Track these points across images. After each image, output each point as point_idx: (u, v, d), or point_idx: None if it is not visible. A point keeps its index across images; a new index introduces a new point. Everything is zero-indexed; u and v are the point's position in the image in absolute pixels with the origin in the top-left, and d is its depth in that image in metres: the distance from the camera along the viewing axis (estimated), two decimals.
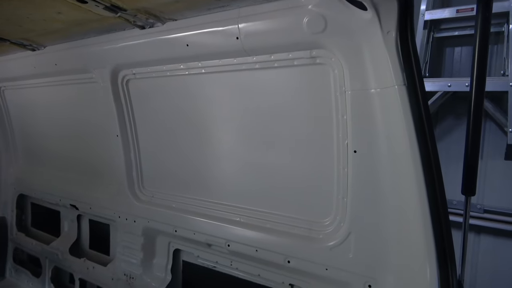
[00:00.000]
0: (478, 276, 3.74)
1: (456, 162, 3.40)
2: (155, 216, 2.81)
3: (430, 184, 1.53)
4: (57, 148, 3.65)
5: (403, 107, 1.52)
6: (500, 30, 3.45)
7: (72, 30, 2.61)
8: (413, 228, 1.61)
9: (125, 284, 3.01)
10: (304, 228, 2.12)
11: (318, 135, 1.98)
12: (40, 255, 3.80)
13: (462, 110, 3.66)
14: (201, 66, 2.27)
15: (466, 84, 3.26)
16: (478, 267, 3.72)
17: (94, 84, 2.92)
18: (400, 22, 1.44)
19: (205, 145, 2.52)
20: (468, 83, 3.25)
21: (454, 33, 3.68)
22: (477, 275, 3.74)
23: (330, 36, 1.69)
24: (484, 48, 1.46)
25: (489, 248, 3.68)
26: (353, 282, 1.90)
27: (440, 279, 1.54)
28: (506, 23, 3.30)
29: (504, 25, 3.35)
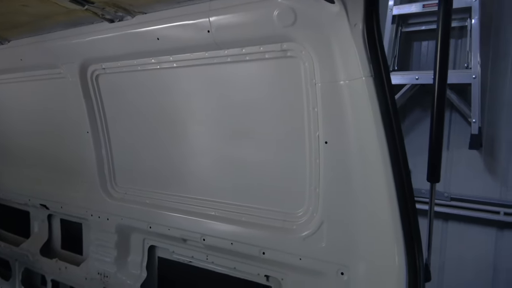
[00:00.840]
0: (446, 261, 3.89)
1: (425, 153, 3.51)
2: (129, 213, 2.77)
3: (397, 173, 1.59)
4: (24, 147, 3.53)
5: (370, 98, 1.56)
6: (464, 25, 3.58)
7: (39, 24, 2.53)
8: (382, 216, 1.66)
9: (99, 283, 2.96)
10: (279, 219, 2.15)
11: (291, 127, 2.00)
12: (9, 257, 3.68)
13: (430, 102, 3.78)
14: (173, 60, 2.25)
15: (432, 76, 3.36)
16: (446, 253, 3.87)
17: (62, 80, 2.83)
18: (366, 15, 1.48)
19: (178, 140, 2.50)
20: None
21: (421, 27, 3.79)
22: (445, 260, 3.89)
23: (300, 29, 1.71)
24: (446, 42, 1.52)
25: (456, 234, 3.84)
26: (326, 270, 1.95)
27: (407, 264, 1.60)
28: (469, 17, 3.43)
29: (467, 19, 3.49)
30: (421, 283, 1.61)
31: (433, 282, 3.94)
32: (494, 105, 3.55)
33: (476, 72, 3.22)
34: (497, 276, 3.68)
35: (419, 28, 3.79)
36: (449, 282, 3.88)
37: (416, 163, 3.80)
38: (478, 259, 3.70)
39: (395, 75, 3.57)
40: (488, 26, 3.46)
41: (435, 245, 3.83)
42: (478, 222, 3.66)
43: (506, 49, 3.47)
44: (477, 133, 3.22)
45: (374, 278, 1.76)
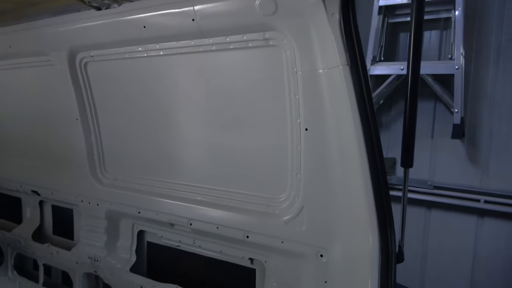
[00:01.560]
0: (429, 248, 4.01)
1: None
2: (118, 199, 2.83)
3: (372, 160, 1.65)
4: (14, 134, 3.56)
5: (347, 86, 1.62)
6: (449, 16, 3.64)
7: (25, 11, 2.55)
8: (358, 200, 1.73)
9: (90, 267, 3.03)
10: (262, 204, 2.22)
11: (273, 115, 2.06)
12: (1, 242, 3.73)
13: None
14: (159, 48, 2.29)
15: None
16: (428, 241, 3.99)
17: (51, 67, 2.86)
18: (342, 5, 1.53)
19: (166, 127, 2.55)
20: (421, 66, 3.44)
21: (407, 18, 3.84)
22: (428, 248, 4.01)
23: (280, 18, 1.76)
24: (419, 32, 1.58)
25: (439, 222, 3.95)
26: (307, 252, 2.03)
27: (381, 246, 1.68)
28: (453, 9, 3.49)
29: (452, 11, 3.55)
30: (393, 264, 1.69)
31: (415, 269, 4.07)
32: (477, 96, 3.64)
33: (459, 63, 3.29)
34: (477, 263, 3.81)
35: (405, 19, 3.85)
36: (431, 269, 4.01)
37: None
38: (459, 246, 3.82)
39: (381, 66, 3.63)
40: (472, 18, 3.53)
41: (418, 233, 3.94)
42: (459, 210, 3.76)
43: (488, 40, 3.54)
44: (459, 123, 3.30)
45: (350, 259, 1.84)
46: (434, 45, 3.75)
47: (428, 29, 3.73)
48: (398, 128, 3.92)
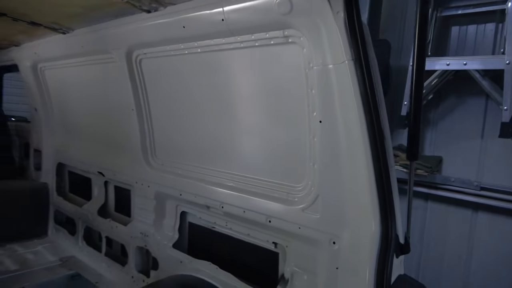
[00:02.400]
0: (474, 250, 3.79)
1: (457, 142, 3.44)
2: (165, 181, 3.15)
3: (375, 149, 1.71)
4: (85, 122, 4.11)
5: (352, 80, 1.70)
6: (503, 8, 3.39)
7: (91, 14, 2.96)
8: (363, 189, 1.80)
9: (141, 241, 3.41)
10: (284, 192, 2.36)
11: (294, 107, 2.19)
12: (74, 216, 4.32)
13: (465, 89, 3.66)
14: (197, 46, 2.53)
15: (464, 62, 3.27)
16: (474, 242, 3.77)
17: (114, 63, 3.27)
18: (346, 3, 1.61)
19: (205, 118, 2.80)
20: (466, 61, 3.29)
21: (457, 11, 3.65)
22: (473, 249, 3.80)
23: (296, 17, 1.88)
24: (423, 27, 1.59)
25: (485, 224, 3.72)
26: (321, 239, 2.13)
27: (381, 233, 1.73)
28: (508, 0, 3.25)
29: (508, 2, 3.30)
30: (391, 252, 1.73)
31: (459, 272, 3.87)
32: None
33: (510, 57, 3.07)
34: None
35: (456, 12, 3.65)
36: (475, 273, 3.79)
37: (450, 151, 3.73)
38: (506, 250, 3.56)
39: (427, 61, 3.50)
40: None
41: (463, 235, 3.75)
42: (508, 213, 3.51)
43: None
44: (508, 121, 3.09)
45: (356, 247, 1.91)
46: (488, 38, 3.51)
47: (482, 22, 3.50)
48: (447, 125, 3.75)
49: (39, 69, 4.42)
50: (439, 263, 3.89)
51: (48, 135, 4.72)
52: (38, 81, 4.51)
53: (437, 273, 3.89)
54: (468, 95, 3.58)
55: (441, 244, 3.90)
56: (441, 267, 3.84)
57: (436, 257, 3.92)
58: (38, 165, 4.93)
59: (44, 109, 4.63)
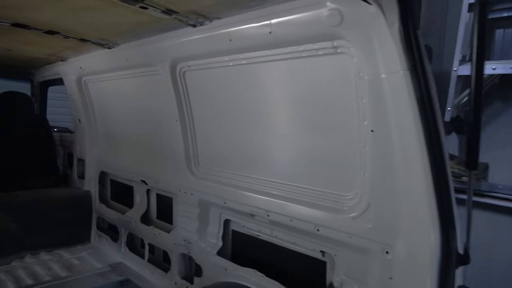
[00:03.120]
0: (499, 256, 3.64)
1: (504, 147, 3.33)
2: (208, 190, 3.22)
3: (433, 159, 1.70)
4: (129, 133, 4.25)
5: (407, 90, 1.70)
6: None
7: (138, 30, 3.08)
8: (420, 199, 1.79)
9: (184, 248, 3.49)
10: (331, 200, 2.37)
11: (342, 117, 2.20)
12: (117, 223, 4.47)
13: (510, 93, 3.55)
14: (242, 57, 2.59)
15: (511, 66, 3.18)
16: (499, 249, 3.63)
17: (158, 76, 3.38)
18: (401, 14, 1.62)
19: (249, 128, 2.85)
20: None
21: (502, 14, 3.56)
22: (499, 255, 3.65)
23: (346, 28, 1.90)
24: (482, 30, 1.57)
25: None
26: (373, 248, 2.12)
27: (442, 244, 1.71)
28: None
29: None
30: (453, 264, 1.70)
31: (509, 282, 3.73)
32: None
33: None
34: None
35: (500, 15, 3.56)
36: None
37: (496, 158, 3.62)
38: None
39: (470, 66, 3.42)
40: None
41: (504, 242, 3.61)
42: None
43: None
44: None
45: (413, 257, 1.89)
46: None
47: None
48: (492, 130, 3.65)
49: (83, 82, 4.63)
50: (487, 272, 3.77)
51: (91, 145, 4.91)
52: (82, 93, 4.72)
53: (485, 283, 3.78)
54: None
55: (488, 252, 3.78)
56: (489, 276, 3.73)
57: (483, 266, 3.80)
58: (81, 174, 5.13)
59: (88, 120, 4.83)
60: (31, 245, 4.38)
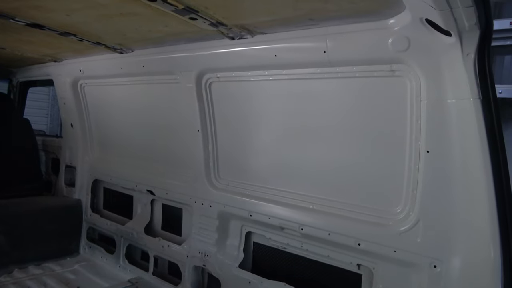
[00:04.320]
0: None
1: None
2: (230, 202, 3.19)
3: (498, 182, 1.83)
4: (134, 141, 4.10)
5: (476, 117, 1.82)
6: None
7: (166, 38, 3.01)
8: (480, 216, 1.91)
9: (200, 261, 3.42)
10: (374, 215, 2.45)
11: (392, 135, 2.30)
12: (115, 234, 4.27)
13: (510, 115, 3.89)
14: (285, 73, 2.62)
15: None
16: None
17: (177, 85, 3.32)
18: (479, 46, 1.74)
19: (280, 142, 2.88)
20: None
21: (506, 42, 3.91)
22: None
23: (411, 54, 2.01)
24: None
25: None
26: (420, 262, 2.22)
27: (503, 258, 1.85)
28: None
29: None
30: None
31: None
32: None
33: None
34: None
35: (504, 43, 3.91)
36: None
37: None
38: None
39: None
40: None
41: None
42: None
43: None
44: None
45: (469, 271, 2.02)
46: None
47: None
48: None
49: (80, 85, 4.41)
50: None
51: (84, 152, 4.68)
52: (78, 97, 4.49)
53: None
54: None
55: None
56: None
57: None
58: (69, 181, 4.86)
59: (82, 126, 4.60)
60: (19, 258, 4.07)
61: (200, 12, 2.28)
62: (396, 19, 1.98)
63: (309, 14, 2.17)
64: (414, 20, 1.86)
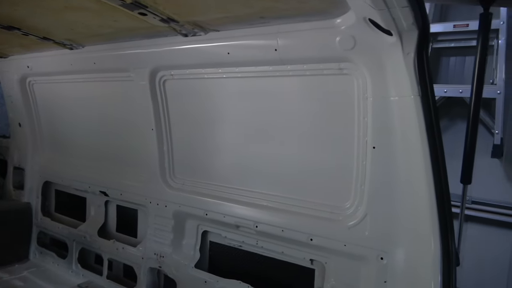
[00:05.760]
0: (466, 259, 4.22)
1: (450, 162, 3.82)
2: (186, 202, 3.15)
3: (437, 175, 1.93)
4: (86, 140, 3.95)
5: (417, 113, 1.91)
6: (491, 44, 3.90)
7: (118, 34, 2.93)
8: (422, 210, 2.00)
9: (155, 262, 3.35)
10: (326, 211, 2.50)
11: (340, 132, 2.36)
12: (67, 238, 4.10)
13: (456, 113, 4.11)
14: (238, 71, 2.63)
15: (460, 90, 3.70)
16: (465, 252, 4.20)
17: (130, 82, 3.23)
18: (418, 46, 1.82)
19: (234, 140, 2.88)
20: (462, 89, 3.71)
21: (450, 44, 4.12)
22: (465, 258, 4.22)
23: (357, 53, 2.07)
24: (483, 63, 1.85)
25: (476, 235, 4.16)
26: (368, 255, 2.29)
27: (442, 248, 1.94)
28: (496, 38, 3.75)
29: (495, 40, 3.80)
30: (454, 266, 1.95)
31: None
32: None
33: (501, 87, 3.54)
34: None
35: (449, 45, 4.12)
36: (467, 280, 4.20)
37: None
38: (496, 259, 4.01)
39: None
40: None
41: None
42: (496, 224, 3.97)
43: None
44: (499, 143, 3.53)
45: (412, 262, 2.10)
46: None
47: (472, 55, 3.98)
48: None
49: (28, 83, 4.20)
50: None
51: (33, 152, 4.45)
52: (26, 95, 4.28)
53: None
54: (459, 119, 4.03)
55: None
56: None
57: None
58: (19, 184, 4.61)
59: (31, 125, 4.38)
60: None
61: (149, 7, 2.23)
62: (342, 19, 2.03)
63: (260, 12, 2.19)
64: (358, 20, 1.92)
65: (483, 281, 4.11)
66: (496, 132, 3.58)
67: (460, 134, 4.18)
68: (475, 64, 1.87)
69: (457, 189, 4.07)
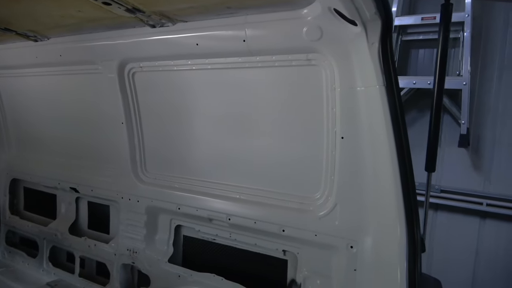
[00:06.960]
0: (435, 246, 4.35)
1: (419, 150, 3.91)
2: (158, 196, 3.11)
3: (402, 164, 1.97)
4: (54, 135, 3.84)
5: (382, 103, 1.93)
6: (457, 37, 4.00)
7: (84, 25, 2.84)
8: (388, 198, 2.04)
9: (128, 258, 3.30)
10: (297, 202, 2.52)
11: (310, 123, 2.37)
12: (37, 236, 3.99)
13: (425, 104, 4.20)
14: (208, 63, 2.59)
15: (428, 82, 3.78)
16: (435, 240, 4.32)
17: (98, 75, 3.15)
18: (382, 36, 1.84)
19: (205, 132, 2.85)
20: (430, 81, 3.79)
21: (419, 37, 4.20)
22: (434, 246, 4.35)
23: (324, 44, 2.07)
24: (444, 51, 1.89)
25: (444, 222, 4.28)
26: (338, 244, 2.33)
27: (408, 236, 1.99)
28: (461, 30, 3.84)
29: (460, 32, 3.90)
30: (419, 252, 1.99)
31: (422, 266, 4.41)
32: (481, 109, 4.00)
33: (467, 79, 3.64)
34: (478, 259, 4.15)
35: (417, 37, 4.19)
36: (437, 266, 4.33)
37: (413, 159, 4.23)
38: (463, 245, 4.15)
39: None
40: (478, 38, 3.89)
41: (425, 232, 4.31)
42: (464, 212, 4.10)
43: (492, 58, 3.91)
44: (465, 133, 3.64)
45: (380, 249, 2.14)
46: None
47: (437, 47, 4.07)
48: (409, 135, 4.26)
49: None
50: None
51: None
52: None
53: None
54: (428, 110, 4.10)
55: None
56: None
57: None
58: None
59: None
60: None
61: None
62: (309, 9, 2.02)
63: (226, 2, 2.15)
64: (324, 10, 1.92)
65: (451, 268, 4.26)
66: (463, 122, 3.69)
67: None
68: (437, 55, 1.91)
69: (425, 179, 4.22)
